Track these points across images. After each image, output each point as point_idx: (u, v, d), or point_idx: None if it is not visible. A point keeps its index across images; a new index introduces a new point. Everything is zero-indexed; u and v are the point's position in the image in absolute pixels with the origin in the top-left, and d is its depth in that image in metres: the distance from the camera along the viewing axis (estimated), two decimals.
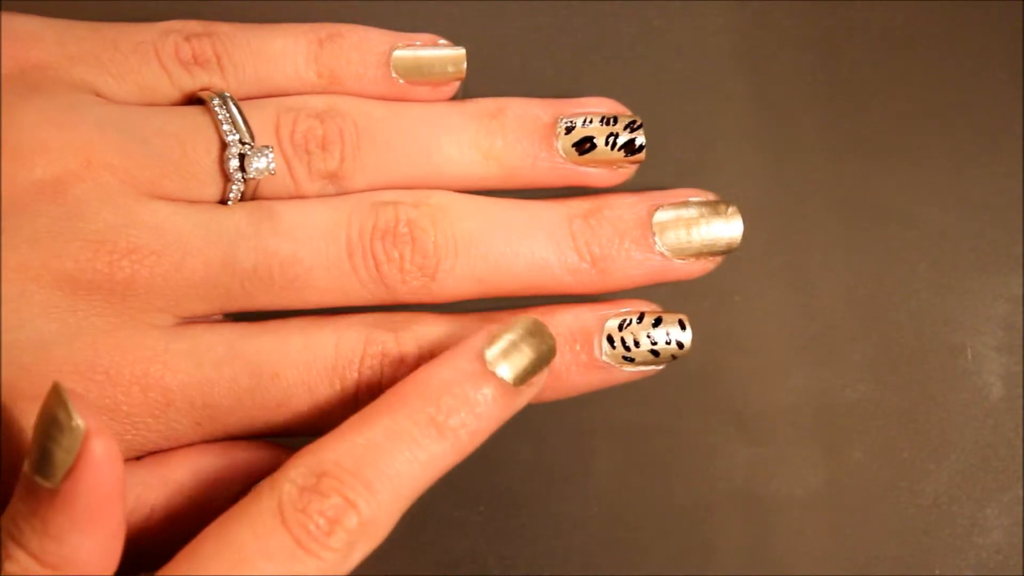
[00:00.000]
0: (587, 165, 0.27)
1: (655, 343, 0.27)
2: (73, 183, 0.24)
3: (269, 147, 0.26)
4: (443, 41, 0.28)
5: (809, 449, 0.31)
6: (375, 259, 0.25)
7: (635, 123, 0.27)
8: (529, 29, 0.32)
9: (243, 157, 0.25)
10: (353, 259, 0.25)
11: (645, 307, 0.27)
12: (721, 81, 0.32)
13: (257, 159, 0.25)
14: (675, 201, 0.27)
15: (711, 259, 0.27)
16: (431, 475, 0.23)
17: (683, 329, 0.27)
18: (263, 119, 0.26)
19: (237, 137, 0.25)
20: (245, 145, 0.25)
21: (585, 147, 0.27)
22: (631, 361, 0.26)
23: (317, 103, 0.27)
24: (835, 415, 0.31)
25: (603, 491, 0.31)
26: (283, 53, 0.27)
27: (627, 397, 0.31)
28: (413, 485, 0.23)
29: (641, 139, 0.27)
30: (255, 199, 0.26)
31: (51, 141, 0.24)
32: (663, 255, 0.27)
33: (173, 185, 0.25)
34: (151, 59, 0.26)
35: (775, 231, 0.32)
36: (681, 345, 0.27)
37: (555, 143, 0.27)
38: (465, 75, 0.28)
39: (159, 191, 0.25)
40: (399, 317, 0.26)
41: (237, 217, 0.25)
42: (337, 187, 0.27)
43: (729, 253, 0.27)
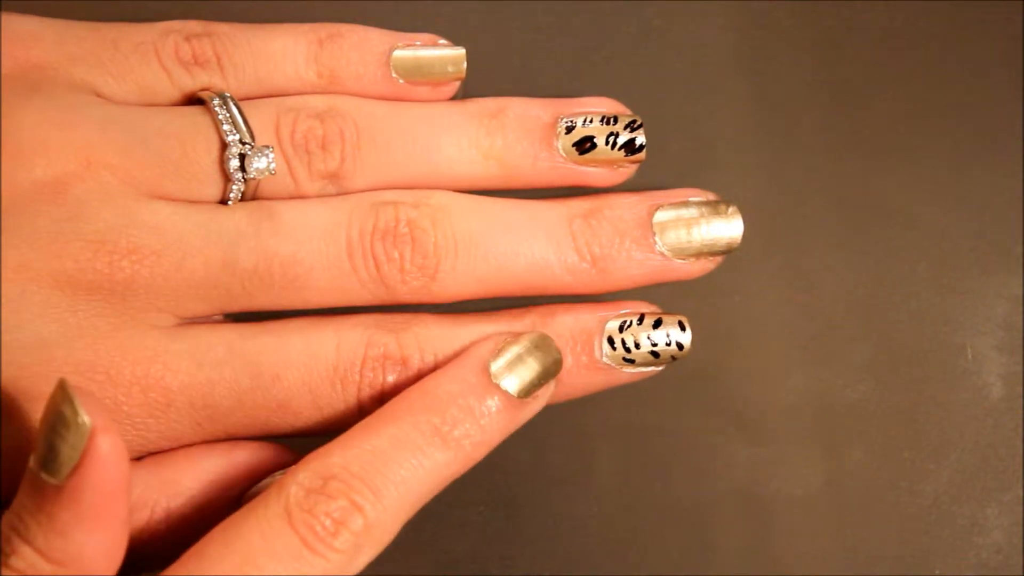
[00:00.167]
0: (587, 165, 0.27)
1: (655, 344, 0.27)
2: (73, 183, 0.24)
3: (269, 147, 0.25)
4: (443, 41, 0.28)
5: (809, 449, 0.31)
6: (375, 259, 0.25)
7: (635, 123, 0.27)
8: (529, 29, 0.32)
9: (243, 157, 0.25)
10: (353, 259, 0.25)
11: (645, 308, 0.27)
12: (721, 81, 0.32)
13: (257, 159, 0.25)
14: (675, 201, 0.27)
15: (711, 259, 0.27)
16: (436, 483, 0.23)
17: (683, 330, 0.27)
18: (263, 119, 0.26)
19: (237, 137, 0.25)
20: (245, 145, 0.25)
21: (585, 147, 0.27)
22: (631, 362, 0.26)
23: (317, 103, 0.27)
24: (835, 415, 0.31)
25: (603, 491, 0.31)
26: (283, 53, 0.27)
27: (627, 397, 0.31)
28: (418, 491, 0.23)
29: (641, 139, 0.27)
30: (255, 199, 0.26)
31: (51, 141, 0.24)
32: (663, 255, 0.27)
33: (173, 185, 0.25)
34: (151, 59, 0.26)
35: (775, 231, 0.32)
36: (681, 346, 0.27)
37: (555, 143, 0.27)
38: (465, 75, 0.28)
39: (159, 191, 0.25)
40: (400, 318, 0.26)
41: (237, 217, 0.25)
42: (337, 187, 0.27)
43: (729, 253, 0.27)
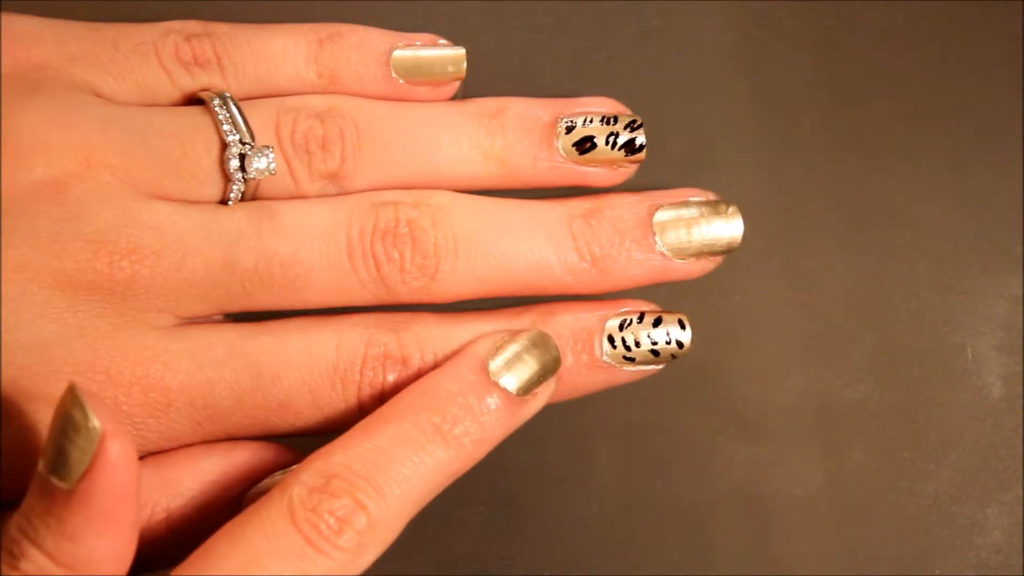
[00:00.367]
0: (587, 165, 0.27)
1: (655, 343, 0.27)
2: (73, 183, 0.24)
3: (269, 147, 0.25)
4: (443, 41, 0.28)
5: (809, 449, 0.31)
6: (375, 259, 0.25)
7: (635, 123, 0.27)
8: (529, 29, 0.32)
9: (243, 157, 0.25)
10: (353, 259, 0.25)
11: (645, 307, 0.27)
12: (721, 81, 0.32)
13: (257, 159, 0.25)
14: (675, 201, 0.27)
15: (711, 259, 0.27)
16: (438, 481, 0.23)
17: (683, 329, 0.27)
18: (263, 119, 0.26)
19: (237, 137, 0.25)
20: (245, 145, 0.25)
21: (585, 147, 0.27)
22: (631, 361, 0.26)
23: (317, 103, 0.27)
24: (835, 415, 0.31)
25: (603, 491, 0.31)
26: (283, 53, 0.27)
27: (627, 397, 0.31)
28: (421, 490, 0.23)
29: (641, 139, 0.27)
30: (255, 199, 0.26)
31: (51, 141, 0.24)
32: (663, 255, 0.27)
33: (173, 185, 0.25)
34: (151, 59, 0.26)
35: (775, 231, 0.32)
36: (681, 345, 0.27)
37: (555, 143, 0.27)
38: (465, 75, 0.28)
39: (159, 191, 0.25)
40: (400, 317, 0.26)
41: (237, 217, 0.25)
42: (337, 187, 0.27)
43: (729, 253, 0.27)
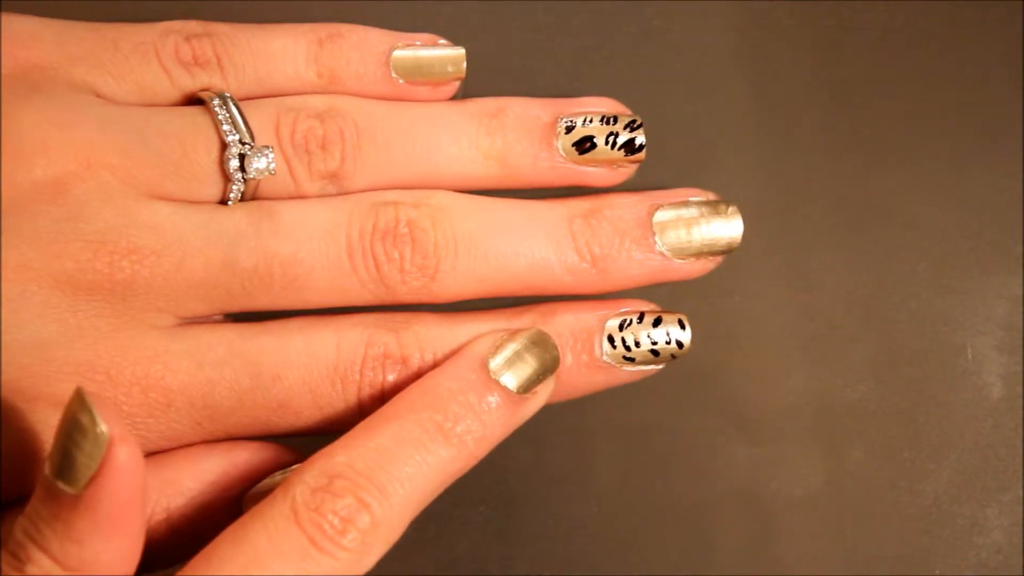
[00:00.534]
0: (587, 164, 0.27)
1: (655, 343, 0.27)
2: (73, 183, 0.24)
3: (269, 147, 0.25)
4: (443, 41, 0.28)
5: (809, 449, 0.31)
6: (375, 259, 0.25)
7: (635, 123, 0.27)
8: (529, 29, 0.32)
9: (243, 157, 0.25)
10: (353, 259, 0.25)
11: (645, 307, 0.27)
12: (721, 81, 0.32)
13: (257, 159, 0.25)
14: (675, 201, 0.27)
15: (711, 259, 0.27)
16: (440, 480, 0.23)
17: (683, 328, 0.27)
18: (263, 119, 0.26)
19: (237, 137, 0.25)
20: (245, 145, 0.25)
21: (585, 146, 0.27)
22: (631, 361, 0.26)
23: (317, 103, 0.27)
24: (835, 415, 0.31)
25: (603, 491, 0.31)
26: (283, 53, 0.27)
27: (627, 397, 0.31)
28: (423, 489, 0.23)
29: (641, 139, 0.27)
30: (255, 199, 0.26)
31: (51, 141, 0.24)
32: (663, 255, 0.27)
33: (173, 185, 0.25)
34: (151, 59, 0.26)
35: (775, 231, 0.32)
36: (681, 344, 0.27)
37: (555, 142, 0.27)
38: (465, 75, 0.28)
39: (159, 191, 0.25)
40: (400, 317, 0.26)
41: (237, 217, 0.25)
42: (337, 187, 0.27)
43: (729, 253, 0.27)
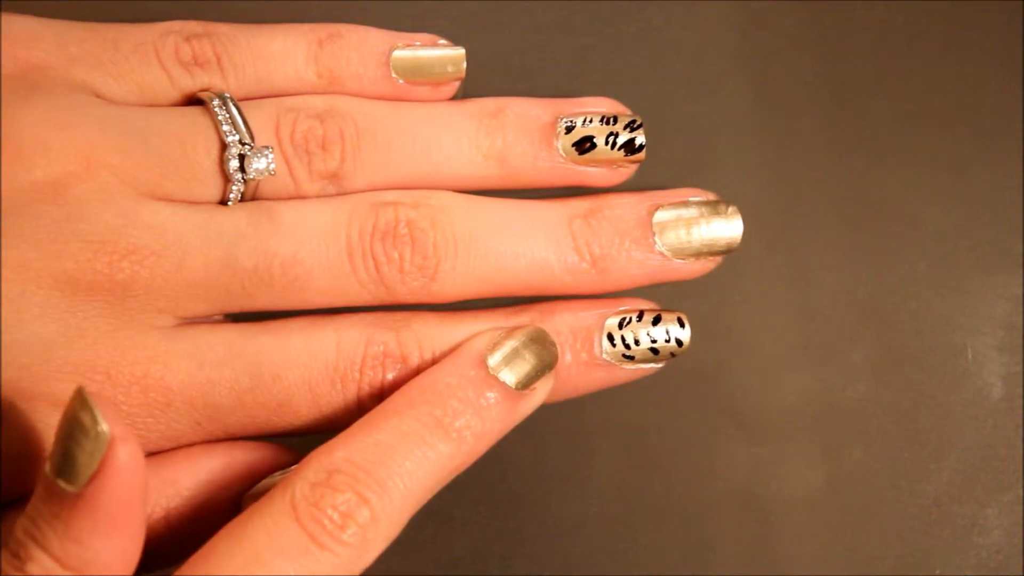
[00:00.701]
0: (587, 165, 0.27)
1: (655, 341, 0.27)
2: (73, 184, 0.24)
3: (269, 147, 0.26)
4: (443, 41, 0.28)
5: (809, 449, 0.31)
6: (375, 260, 0.25)
7: (635, 123, 0.27)
8: (529, 29, 0.32)
9: (243, 158, 0.25)
10: (353, 260, 0.25)
11: (644, 305, 0.27)
12: (721, 81, 0.32)
13: (257, 160, 0.25)
14: (675, 201, 0.27)
15: (711, 259, 0.27)
16: (440, 475, 0.23)
17: (682, 327, 0.27)
18: (263, 119, 0.26)
19: (237, 138, 0.25)
20: (245, 146, 0.25)
21: (585, 147, 0.27)
22: (631, 359, 0.26)
23: (317, 103, 0.27)
24: (835, 415, 0.31)
25: (603, 491, 0.31)
26: (283, 53, 0.27)
27: (627, 397, 0.31)
28: (423, 484, 0.23)
29: (641, 139, 0.27)
30: (255, 199, 0.26)
31: (51, 141, 0.24)
32: (663, 255, 0.27)
33: (173, 186, 0.25)
34: (151, 60, 0.26)
35: (775, 231, 0.32)
36: (680, 343, 0.27)
37: (555, 143, 0.27)
38: (465, 75, 0.28)
39: (159, 192, 0.25)
40: (400, 316, 0.26)
41: (237, 217, 0.25)
42: (337, 187, 0.27)
43: (729, 253, 0.27)
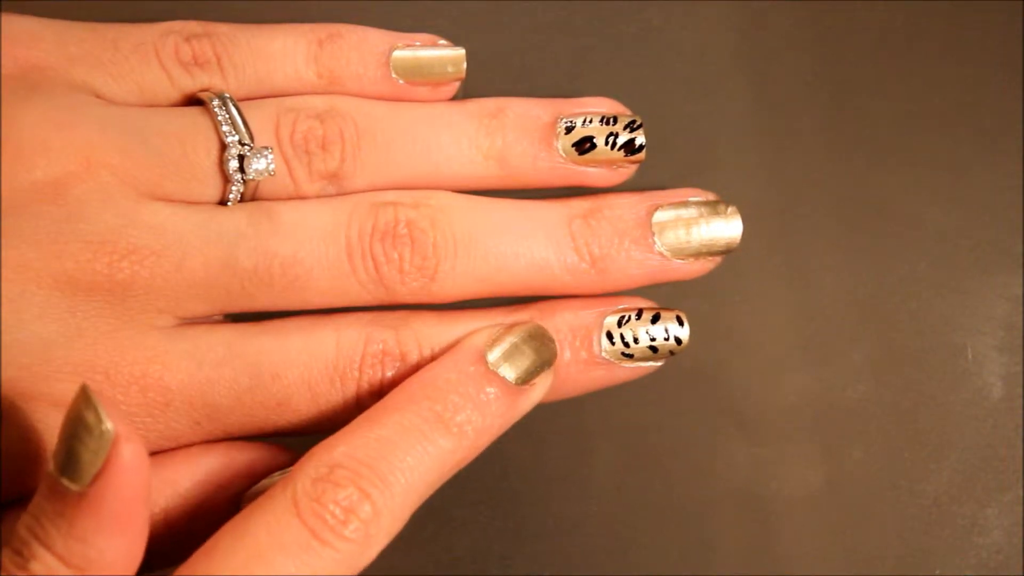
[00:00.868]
0: (587, 165, 0.27)
1: (654, 339, 0.27)
2: (73, 184, 0.24)
3: (269, 148, 0.26)
4: (443, 41, 0.28)
5: (809, 449, 0.31)
6: (374, 260, 0.25)
7: (635, 123, 0.27)
8: (529, 29, 0.32)
9: (243, 158, 0.25)
10: (353, 260, 0.25)
11: (643, 303, 0.27)
12: (721, 81, 0.32)
13: (256, 160, 0.25)
14: (675, 201, 0.27)
15: (711, 259, 0.27)
16: (441, 471, 0.23)
17: (681, 325, 0.27)
18: (263, 120, 0.26)
19: (237, 138, 0.25)
20: (245, 146, 0.25)
21: (585, 147, 0.27)
22: (630, 357, 0.27)
23: (317, 103, 0.27)
24: (835, 415, 0.31)
25: (603, 491, 0.31)
26: (283, 53, 0.27)
27: (627, 397, 0.31)
28: (425, 479, 0.23)
29: (641, 139, 0.27)
30: (255, 200, 0.26)
31: (51, 141, 0.24)
32: (662, 255, 0.27)
33: (173, 186, 0.25)
34: (151, 60, 0.26)
35: (775, 231, 0.32)
36: (679, 341, 0.27)
37: (555, 143, 0.27)
38: (465, 75, 0.28)
39: (159, 192, 0.25)
40: (399, 314, 0.26)
41: (237, 218, 0.25)
42: (337, 187, 0.27)
43: (729, 253, 0.27)
